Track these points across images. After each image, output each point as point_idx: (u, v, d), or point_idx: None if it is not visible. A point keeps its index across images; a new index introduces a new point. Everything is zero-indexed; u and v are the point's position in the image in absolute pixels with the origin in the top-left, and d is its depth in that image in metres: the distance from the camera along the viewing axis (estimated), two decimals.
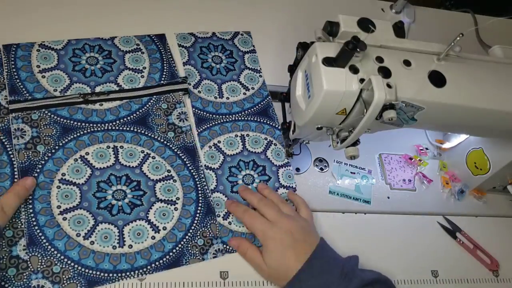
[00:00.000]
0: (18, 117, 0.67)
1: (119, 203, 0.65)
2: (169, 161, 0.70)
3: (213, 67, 0.81)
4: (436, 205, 0.81)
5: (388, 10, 1.01)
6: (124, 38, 0.79)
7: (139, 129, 0.72)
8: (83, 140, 0.68)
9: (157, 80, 0.76)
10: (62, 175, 0.65)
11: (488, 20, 0.97)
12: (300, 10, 0.95)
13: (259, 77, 0.83)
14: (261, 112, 0.79)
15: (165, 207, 0.67)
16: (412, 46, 0.62)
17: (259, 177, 0.73)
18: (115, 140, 0.70)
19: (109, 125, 0.71)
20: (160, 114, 0.73)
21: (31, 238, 0.60)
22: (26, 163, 0.64)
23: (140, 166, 0.69)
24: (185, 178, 0.70)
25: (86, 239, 0.62)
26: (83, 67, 0.74)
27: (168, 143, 0.72)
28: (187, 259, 0.64)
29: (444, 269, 0.74)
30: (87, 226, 0.63)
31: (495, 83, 0.63)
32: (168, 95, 0.75)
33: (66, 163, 0.66)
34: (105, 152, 0.68)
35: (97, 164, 0.67)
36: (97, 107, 0.71)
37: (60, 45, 0.75)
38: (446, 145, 0.86)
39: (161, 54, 0.79)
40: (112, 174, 0.67)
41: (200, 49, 0.83)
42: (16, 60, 0.72)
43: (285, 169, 0.75)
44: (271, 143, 0.76)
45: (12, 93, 0.69)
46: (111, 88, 0.74)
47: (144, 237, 0.64)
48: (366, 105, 0.56)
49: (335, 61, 0.57)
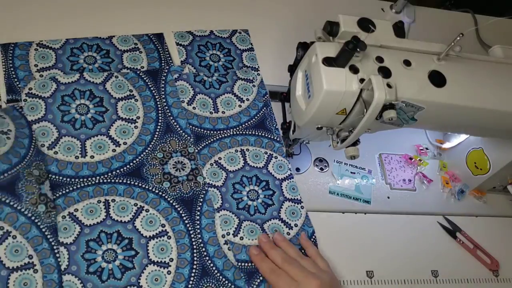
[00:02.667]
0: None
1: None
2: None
3: (211, 65, 0.80)
4: (436, 205, 0.81)
5: (388, 10, 1.01)
6: (122, 37, 0.79)
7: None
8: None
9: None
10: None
11: (488, 20, 0.97)
12: (300, 10, 0.95)
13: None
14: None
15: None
16: (412, 46, 0.62)
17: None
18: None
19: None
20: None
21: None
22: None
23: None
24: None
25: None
26: (81, 66, 0.74)
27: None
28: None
29: (444, 269, 0.74)
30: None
31: (495, 83, 0.63)
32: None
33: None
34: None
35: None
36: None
37: (58, 44, 0.75)
38: (446, 145, 0.86)
39: (159, 53, 0.79)
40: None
41: (198, 47, 0.82)
42: (14, 59, 0.71)
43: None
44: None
45: (9, 92, 0.68)
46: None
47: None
48: (366, 105, 0.56)
49: (335, 61, 0.57)
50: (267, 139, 0.76)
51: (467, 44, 0.66)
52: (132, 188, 0.67)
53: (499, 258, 0.78)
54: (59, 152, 0.66)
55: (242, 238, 0.66)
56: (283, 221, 0.70)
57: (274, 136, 0.77)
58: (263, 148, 0.75)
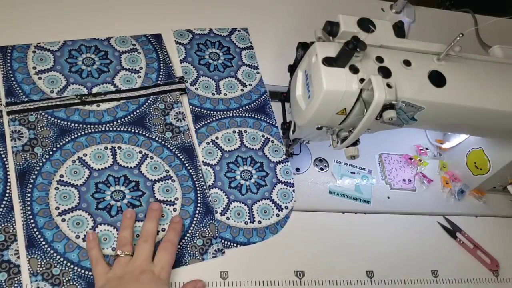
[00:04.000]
0: (15, 119, 0.67)
1: (118, 203, 0.65)
2: (167, 161, 0.70)
3: (210, 63, 0.81)
4: (436, 205, 0.81)
5: (388, 10, 1.01)
6: (120, 38, 0.79)
7: (137, 129, 0.72)
8: (80, 141, 0.68)
9: (154, 80, 0.76)
10: (60, 176, 0.65)
11: (488, 20, 0.97)
12: (300, 10, 0.95)
13: (256, 74, 0.83)
14: (258, 109, 0.79)
15: (164, 208, 0.67)
16: (412, 46, 0.62)
17: (257, 172, 0.73)
18: (113, 141, 0.70)
19: (107, 126, 0.71)
20: (157, 114, 0.73)
21: (30, 240, 0.60)
22: (24, 165, 0.64)
23: (138, 166, 0.69)
24: (184, 178, 0.70)
25: (86, 240, 0.62)
26: (80, 68, 0.74)
27: (166, 143, 0.72)
28: (187, 259, 0.64)
29: (444, 269, 0.74)
30: (86, 228, 0.63)
31: (495, 83, 0.62)
32: (165, 95, 0.75)
33: (64, 165, 0.66)
34: (103, 153, 0.68)
35: (95, 165, 0.67)
36: (94, 108, 0.71)
37: (56, 46, 0.75)
38: (446, 145, 0.86)
39: (157, 54, 0.79)
40: (110, 175, 0.67)
41: (197, 46, 0.83)
42: (12, 61, 0.71)
43: (283, 165, 0.75)
44: (268, 140, 0.77)
45: (8, 95, 0.69)
46: (108, 88, 0.73)
47: None
48: (366, 105, 0.56)
49: (335, 61, 0.57)
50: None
51: (467, 44, 0.66)
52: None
53: (499, 258, 0.78)
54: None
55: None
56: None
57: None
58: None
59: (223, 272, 0.65)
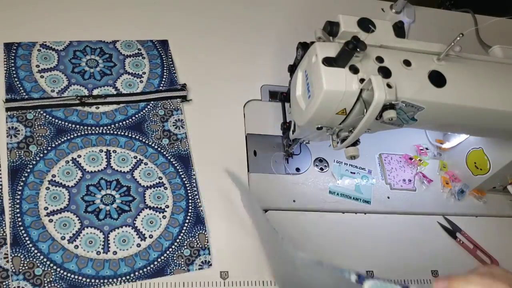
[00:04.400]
0: (13, 116, 0.67)
1: (107, 207, 0.65)
2: (162, 168, 0.70)
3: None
4: (436, 205, 0.81)
5: (388, 10, 1.01)
6: (126, 42, 0.79)
7: (134, 134, 0.71)
8: (76, 142, 0.68)
9: (156, 86, 0.76)
10: (53, 176, 0.65)
11: (488, 20, 0.97)
12: (300, 10, 0.95)
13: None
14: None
15: (153, 214, 0.66)
16: (412, 46, 0.62)
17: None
18: (109, 144, 0.69)
19: (104, 128, 0.70)
20: (156, 120, 0.73)
21: (15, 239, 0.59)
22: (17, 162, 0.64)
23: (131, 171, 0.68)
24: (177, 186, 0.69)
25: (71, 242, 0.61)
26: (83, 69, 0.74)
27: (162, 150, 0.71)
28: (172, 269, 0.63)
29: (444, 269, 0.74)
30: (72, 230, 0.62)
31: (495, 83, 0.62)
32: (166, 102, 0.75)
33: (57, 165, 0.66)
34: (97, 156, 0.68)
35: (88, 167, 0.67)
36: (93, 110, 0.71)
37: (62, 46, 0.75)
38: (446, 145, 0.86)
39: (162, 60, 0.79)
40: (102, 178, 0.67)
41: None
42: (16, 58, 0.72)
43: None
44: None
45: (9, 91, 0.69)
46: (109, 91, 0.73)
47: (130, 244, 0.63)
48: (366, 105, 0.56)
49: (335, 61, 0.57)
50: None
51: (467, 44, 0.66)
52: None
53: (499, 258, 0.78)
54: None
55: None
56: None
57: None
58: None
59: (223, 272, 0.65)
